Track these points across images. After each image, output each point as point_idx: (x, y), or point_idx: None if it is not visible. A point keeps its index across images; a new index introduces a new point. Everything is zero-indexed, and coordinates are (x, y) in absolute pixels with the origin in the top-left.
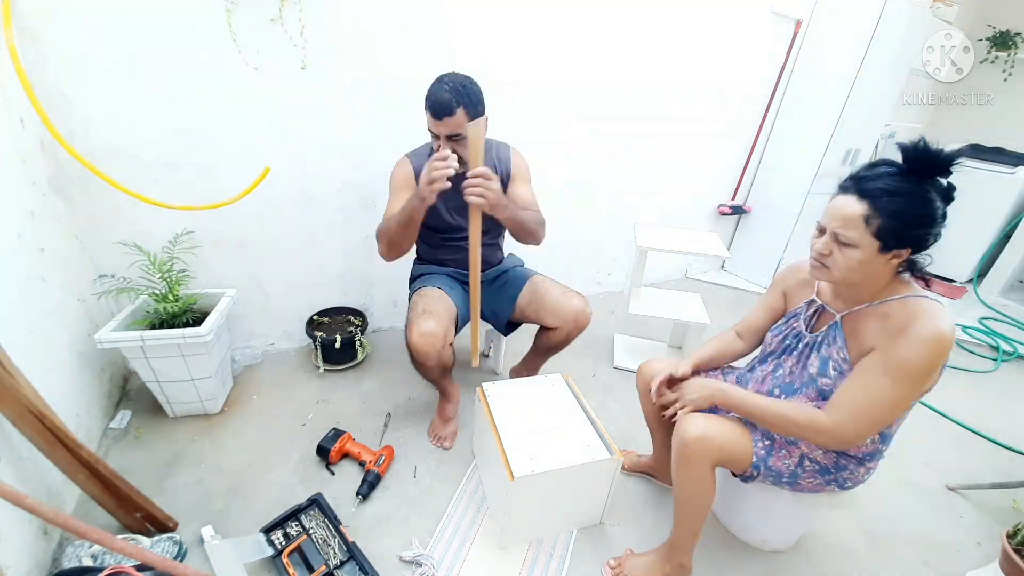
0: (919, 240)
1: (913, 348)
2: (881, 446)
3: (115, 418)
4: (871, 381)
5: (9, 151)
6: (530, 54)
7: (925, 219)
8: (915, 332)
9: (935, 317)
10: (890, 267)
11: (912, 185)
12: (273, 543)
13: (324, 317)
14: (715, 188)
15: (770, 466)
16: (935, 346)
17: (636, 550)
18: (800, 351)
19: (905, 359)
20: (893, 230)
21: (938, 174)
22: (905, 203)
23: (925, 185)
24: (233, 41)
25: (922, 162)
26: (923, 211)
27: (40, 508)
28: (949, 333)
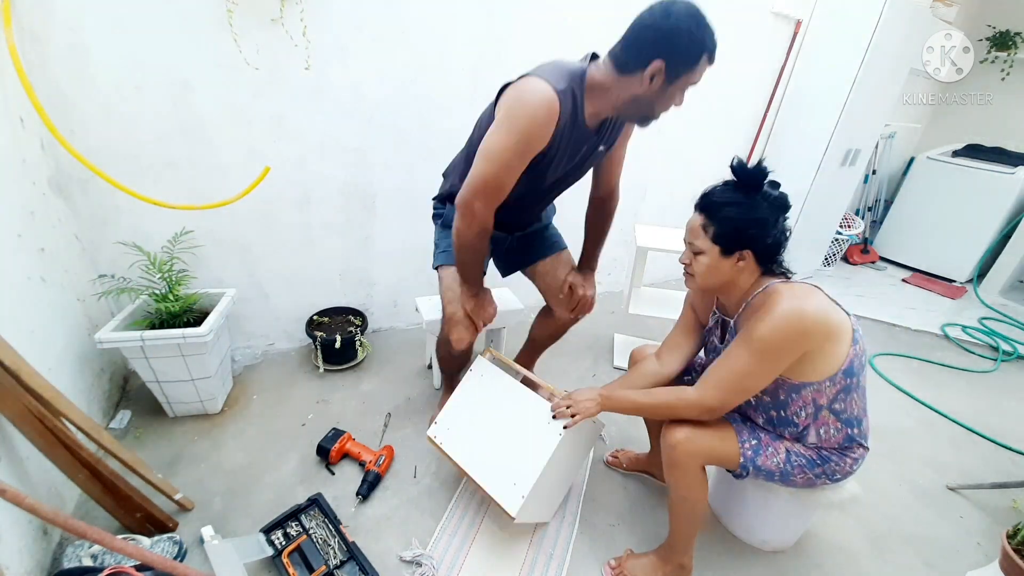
0: (753, 240)
1: (765, 322)
2: (851, 430)
3: (115, 418)
4: (731, 354)
5: (9, 151)
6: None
7: (752, 222)
8: (769, 309)
9: (790, 296)
10: (744, 269)
11: (739, 195)
12: (273, 543)
13: (324, 317)
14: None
15: (759, 466)
16: (785, 319)
17: (636, 550)
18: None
19: (757, 332)
20: (726, 234)
21: (756, 185)
22: (732, 211)
23: (752, 196)
24: (234, 41)
25: (740, 177)
26: (748, 215)
27: (40, 508)
28: (801, 309)
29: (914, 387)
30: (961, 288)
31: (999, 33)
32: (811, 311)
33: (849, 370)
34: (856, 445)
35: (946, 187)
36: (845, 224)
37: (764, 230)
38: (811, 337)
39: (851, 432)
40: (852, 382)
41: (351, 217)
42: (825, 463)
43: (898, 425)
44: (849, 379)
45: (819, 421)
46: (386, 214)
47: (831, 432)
